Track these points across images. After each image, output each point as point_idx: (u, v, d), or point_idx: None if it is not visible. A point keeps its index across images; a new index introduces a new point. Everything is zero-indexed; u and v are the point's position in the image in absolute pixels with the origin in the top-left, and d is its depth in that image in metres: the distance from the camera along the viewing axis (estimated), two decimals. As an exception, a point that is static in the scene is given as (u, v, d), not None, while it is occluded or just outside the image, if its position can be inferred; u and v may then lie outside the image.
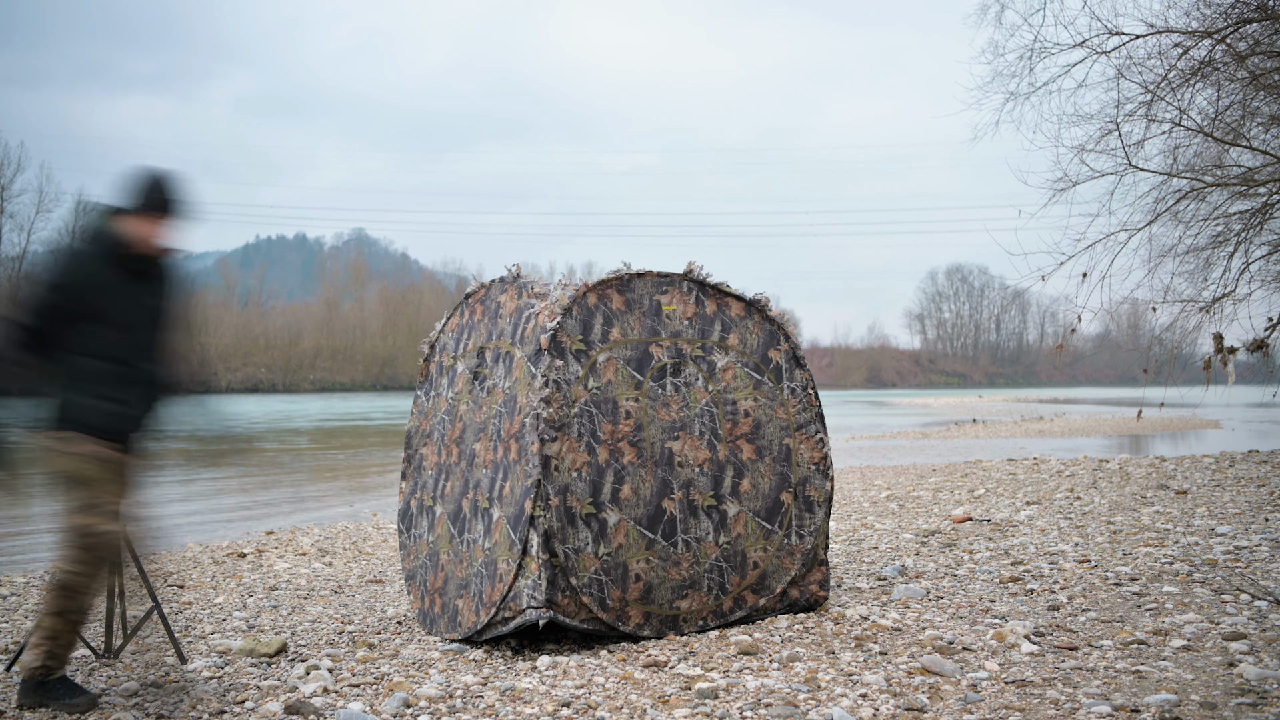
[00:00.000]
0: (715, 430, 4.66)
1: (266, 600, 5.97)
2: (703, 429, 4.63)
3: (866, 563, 6.34)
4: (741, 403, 4.74)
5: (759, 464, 4.73)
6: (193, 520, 10.70)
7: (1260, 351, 11.20)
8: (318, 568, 7.20)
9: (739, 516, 4.67)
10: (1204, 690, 3.49)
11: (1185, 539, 6.60)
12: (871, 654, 4.09)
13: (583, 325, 4.44)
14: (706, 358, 4.72)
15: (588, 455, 4.31)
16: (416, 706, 3.57)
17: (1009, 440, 22.39)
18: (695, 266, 4.77)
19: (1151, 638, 4.19)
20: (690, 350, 4.68)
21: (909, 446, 20.90)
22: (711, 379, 4.71)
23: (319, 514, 11.14)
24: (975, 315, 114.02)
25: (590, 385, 4.38)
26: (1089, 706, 3.33)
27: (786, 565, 4.79)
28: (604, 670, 3.98)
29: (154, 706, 3.67)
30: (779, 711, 3.38)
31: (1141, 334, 15.09)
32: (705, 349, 4.70)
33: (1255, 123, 11.72)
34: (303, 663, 4.20)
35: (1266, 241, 12.22)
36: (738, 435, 4.70)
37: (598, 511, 4.30)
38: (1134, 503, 8.64)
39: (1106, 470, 11.88)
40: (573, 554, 4.25)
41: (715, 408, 4.68)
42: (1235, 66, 10.82)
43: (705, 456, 4.61)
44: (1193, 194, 11.77)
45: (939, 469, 13.73)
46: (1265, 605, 4.61)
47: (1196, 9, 11.21)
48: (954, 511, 8.58)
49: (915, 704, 3.41)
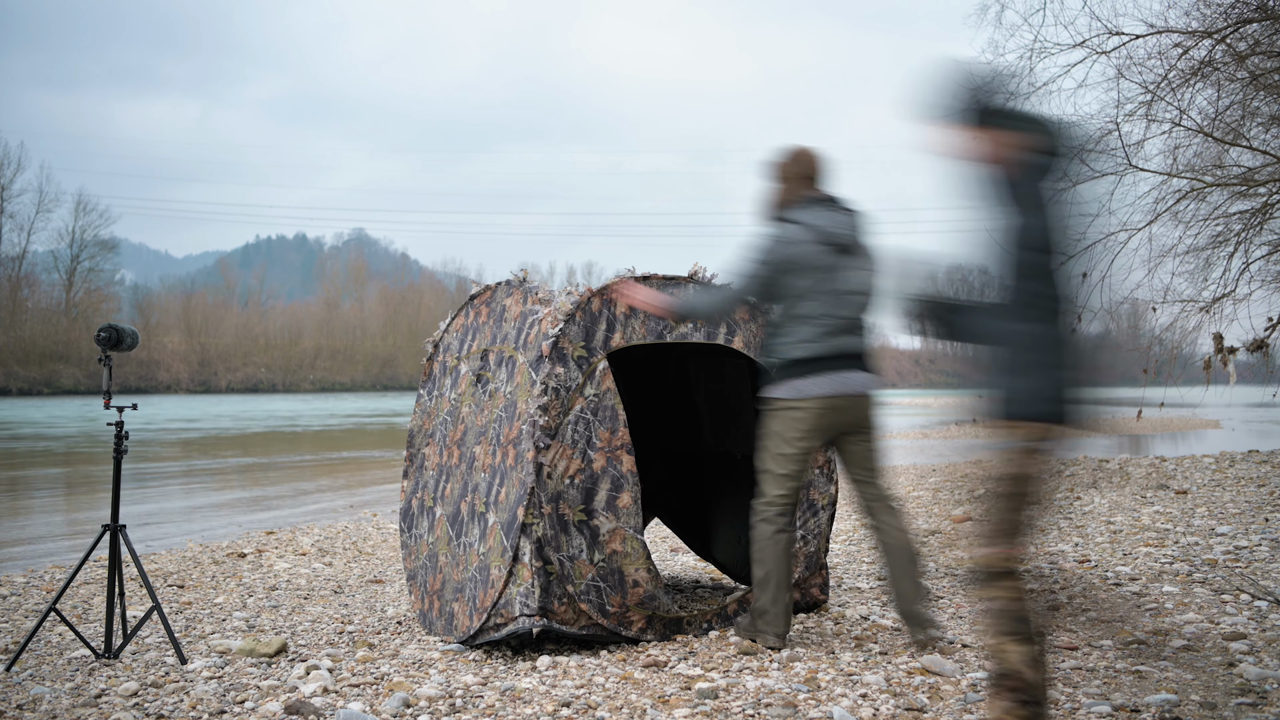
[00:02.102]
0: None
1: (266, 600, 5.97)
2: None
3: (866, 563, 6.34)
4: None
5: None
6: (193, 520, 10.70)
7: (1260, 351, 11.20)
8: (318, 568, 7.20)
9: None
10: (1204, 690, 3.49)
11: (1185, 539, 6.60)
12: (871, 654, 4.09)
13: (585, 331, 4.41)
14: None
15: (581, 462, 4.29)
16: (416, 706, 3.57)
17: (1009, 440, 22.33)
18: (700, 268, 4.74)
19: (1151, 638, 4.20)
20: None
21: (909, 446, 20.90)
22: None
23: (319, 514, 11.14)
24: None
25: (588, 392, 4.34)
26: (1089, 706, 3.33)
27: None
28: (604, 670, 3.99)
29: (154, 707, 3.67)
30: (779, 711, 3.38)
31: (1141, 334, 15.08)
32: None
33: (1255, 123, 11.72)
34: (303, 663, 4.20)
35: (1266, 241, 12.22)
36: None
37: (589, 519, 4.28)
38: (1134, 503, 8.64)
39: (1106, 470, 11.88)
40: (567, 561, 4.23)
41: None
42: (1235, 66, 10.82)
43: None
44: (1193, 194, 11.77)
45: (939, 469, 13.73)
46: (1265, 605, 4.61)
47: (1196, 9, 11.22)
48: (954, 511, 8.58)
49: (915, 704, 3.41)
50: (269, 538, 8.94)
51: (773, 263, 4.12)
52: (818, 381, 4.08)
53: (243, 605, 5.82)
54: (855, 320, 4.13)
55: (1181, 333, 12.38)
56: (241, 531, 9.67)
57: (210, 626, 5.20)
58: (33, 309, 55.17)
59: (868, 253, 4.21)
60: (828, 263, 4.09)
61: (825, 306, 4.08)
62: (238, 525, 10.27)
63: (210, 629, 5.14)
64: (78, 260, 57.25)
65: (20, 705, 3.75)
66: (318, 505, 12.09)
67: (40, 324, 52.95)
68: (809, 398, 4.09)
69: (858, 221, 4.22)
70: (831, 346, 4.08)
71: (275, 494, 13.49)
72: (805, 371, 4.08)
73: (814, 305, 4.08)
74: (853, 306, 4.12)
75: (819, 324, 4.09)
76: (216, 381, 69.15)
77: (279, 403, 52.50)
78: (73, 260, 57.15)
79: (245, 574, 6.97)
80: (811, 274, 4.08)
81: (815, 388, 4.08)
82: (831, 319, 4.09)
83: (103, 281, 59.53)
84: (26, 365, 50.75)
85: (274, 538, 8.92)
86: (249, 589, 6.37)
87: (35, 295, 56.78)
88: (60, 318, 54.21)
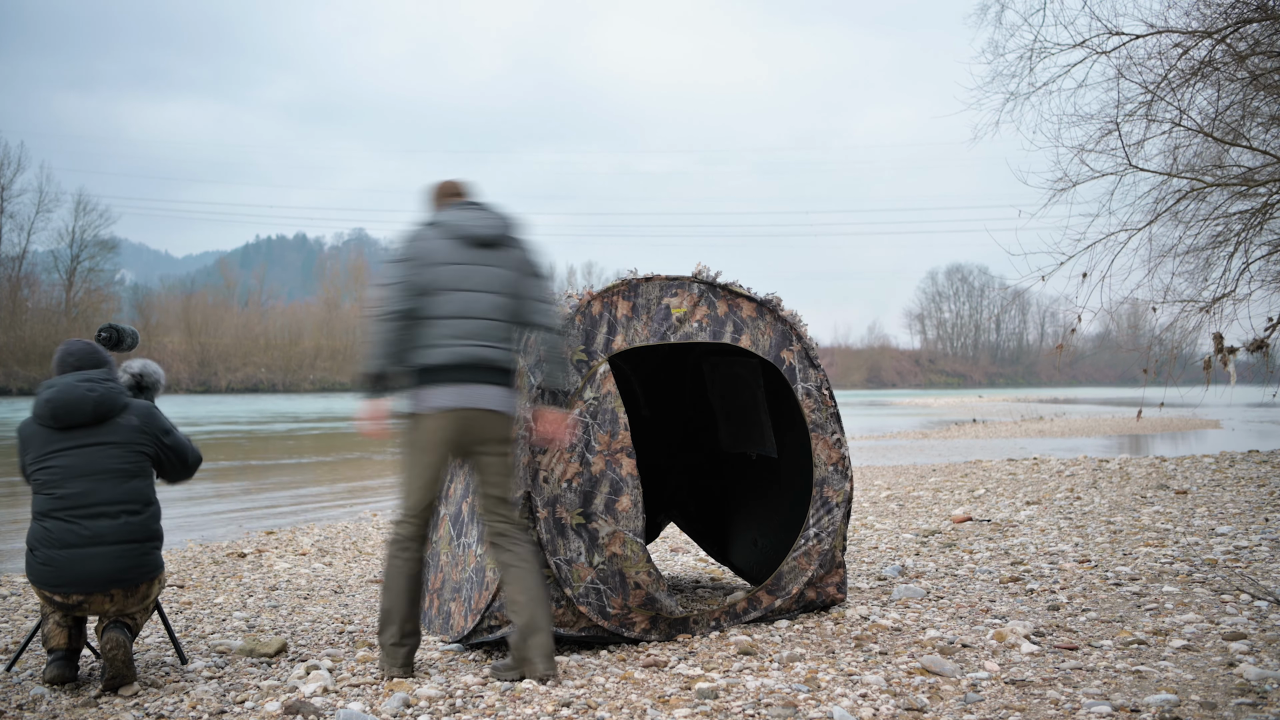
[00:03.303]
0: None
1: (266, 600, 5.97)
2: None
3: (866, 563, 6.34)
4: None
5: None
6: (193, 520, 10.70)
7: (1260, 351, 11.20)
8: (318, 567, 7.20)
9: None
10: (1204, 690, 3.49)
11: (1185, 539, 6.60)
12: (871, 654, 4.09)
13: (585, 335, 4.38)
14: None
15: (579, 466, 4.27)
16: (416, 706, 3.57)
17: (1009, 440, 22.39)
18: (703, 268, 4.71)
19: (1151, 638, 4.20)
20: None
21: (909, 446, 20.90)
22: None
23: (319, 514, 11.14)
24: (975, 315, 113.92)
25: (588, 396, 4.33)
26: (1089, 706, 3.33)
27: (803, 566, 4.76)
28: (604, 670, 3.99)
29: (154, 706, 3.67)
30: (779, 711, 3.38)
31: (1141, 334, 15.08)
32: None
33: (1255, 123, 11.72)
34: (303, 663, 4.20)
35: (1266, 241, 12.22)
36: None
37: (587, 522, 4.26)
38: (1134, 503, 8.64)
39: (1106, 470, 11.88)
40: (565, 565, 4.22)
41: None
42: (1235, 66, 10.82)
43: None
44: (1193, 194, 11.77)
45: (939, 469, 13.73)
46: (1265, 605, 4.61)
47: (1196, 9, 11.21)
48: (954, 511, 8.58)
49: (915, 704, 3.41)
50: (269, 538, 8.93)
51: (407, 261, 3.93)
52: (443, 393, 3.87)
53: (243, 605, 5.82)
54: (489, 325, 3.92)
55: (1181, 333, 12.38)
56: (241, 531, 9.67)
57: (210, 626, 5.20)
58: (33, 309, 55.12)
59: (511, 251, 4.00)
60: (459, 256, 3.92)
61: (456, 306, 3.89)
62: (238, 525, 10.27)
63: (210, 629, 5.14)
64: (78, 260, 57.24)
65: (20, 705, 3.75)
66: (318, 505, 12.09)
67: (40, 324, 52.89)
68: (433, 410, 3.89)
69: (502, 221, 4.04)
70: (460, 354, 3.88)
71: (275, 494, 13.49)
72: (431, 381, 3.88)
73: (444, 304, 3.89)
74: (486, 306, 3.91)
75: (448, 326, 3.88)
76: (216, 381, 69.10)
77: (279, 403, 52.48)
78: (73, 260, 57.14)
79: (245, 574, 6.97)
80: (442, 269, 3.90)
81: (439, 399, 3.88)
82: (462, 321, 3.89)
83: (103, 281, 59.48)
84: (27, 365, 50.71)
85: (274, 538, 8.92)
86: (249, 589, 6.37)
87: (35, 295, 56.73)
88: (60, 318, 54.15)
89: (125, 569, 3.87)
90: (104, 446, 3.93)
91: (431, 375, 3.89)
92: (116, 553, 3.86)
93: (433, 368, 3.89)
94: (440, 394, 3.88)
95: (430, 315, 3.90)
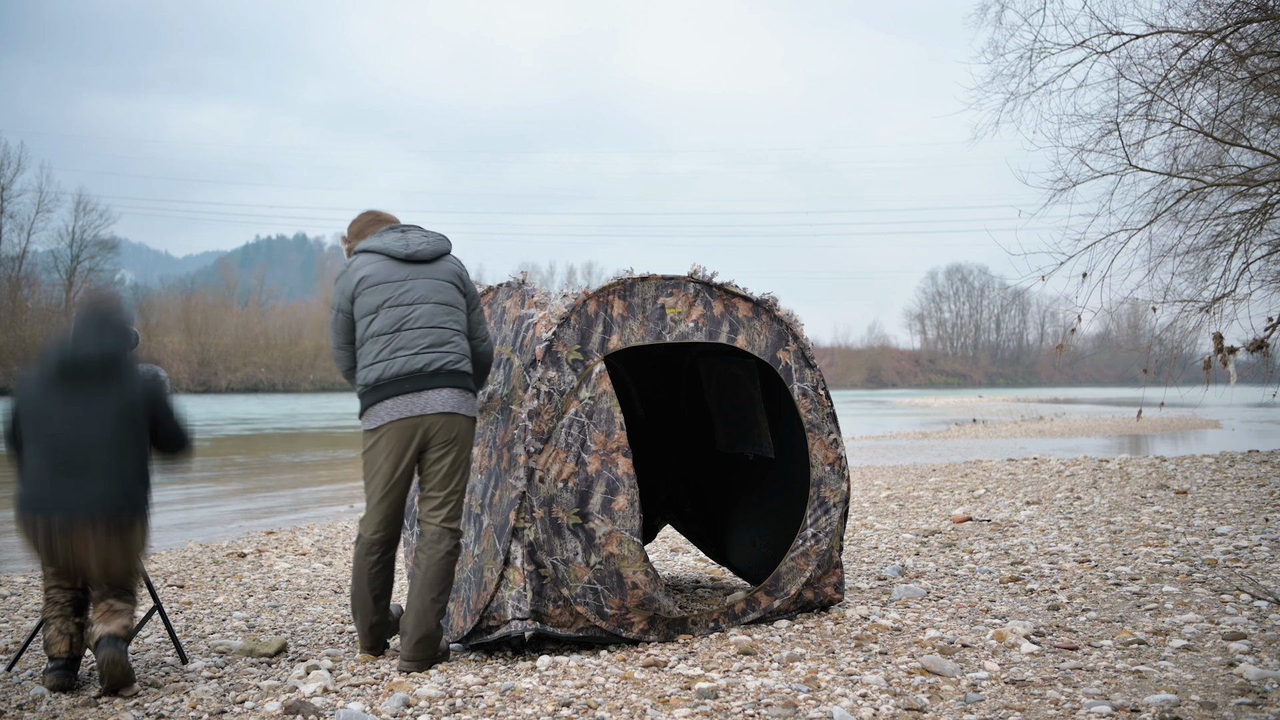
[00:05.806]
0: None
1: (266, 600, 5.97)
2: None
3: (866, 563, 6.34)
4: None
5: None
6: (193, 520, 10.70)
7: (1260, 351, 11.21)
8: (318, 567, 7.20)
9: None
10: (1204, 690, 3.49)
11: (1185, 539, 6.60)
12: (871, 654, 4.09)
13: (580, 334, 4.37)
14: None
15: (575, 465, 4.27)
16: (416, 706, 3.57)
17: (1009, 440, 22.39)
18: (699, 267, 4.70)
19: (1151, 638, 4.20)
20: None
21: (909, 446, 20.90)
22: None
23: (319, 514, 11.14)
24: (975, 315, 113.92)
25: (583, 395, 4.32)
26: (1089, 706, 3.33)
27: (801, 566, 4.76)
28: (604, 670, 3.99)
29: (154, 706, 3.67)
30: (779, 711, 3.38)
31: (1141, 334, 15.10)
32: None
33: (1255, 123, 11.72)
34: (303, 663, 4.20)
35: (1266, 241, 12.22)
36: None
37: (584, 522, 4.26)
38: (1134, 503, 8.64)
39: (1106, 470, 11.88)
40: (561, 565, 4.21)
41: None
42: (1235, 66, 10.82)
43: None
44: (1193, 194, 11.77)
45: (939, 469, 13.73)
46: (1265, 605, 4.61)
47: (1196, 9, 11.22)
48: (954, 511, 8.58)
49: (915, 704, 3.41)
50: (269, 538, 8.93)
51: (345, 289, 4.21)
52: (392, 405, 4.10)
53: (243, 605, 5.82)
54: (428, 332, 4.14)
55: (1181, 333, 12.39)
56: (241, 531, 9.67)
57: (210, 626, 5.20)
58: (33, 309, 55.07)
59: (442, 264, 4.26)
60: (391, 274, 4.16)
61: (393, 320, 4.12)
62: (238, 525, 10.28)
63: (210, 629, 5.14)
64: (78, 260, 57.20)
65: (20, 705, 3.75)
66: (318, 505, 12.09)
67: (40, 324, 52.84)
68: (384, 424, 4.12)
69: (430, 238, 4.30)
70: (402, 366, 4.09)
71: (275, 494, 13.49)
72: (379, 397, 4.12)
73: (382, 320, 4.13)
74: (423, 317, 4.14)
75: (387, 340, 4.12)
76: (216, 381, 69.12)
77: (279, 402, 52.46)
78: (73, 260, 57.10)
79: (245, 574, 6.97)
80: (378, 289, 4.15)
81: (388, 413, 4.11)
82: (401, 334, 4.12)
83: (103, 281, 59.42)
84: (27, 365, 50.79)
85: (274, 538, 8.92)
86: (249, 589, 6.37)
87: (35, 295, 56.69)
88: (60, 318, 54.10)
89: (113, 495, 3.86)
90: (105, 398, 3.98)
91: (380, 390, 4.12)
92: (106, 482, 3.87)
93: (381, 383, 4.12)
94: (389, 407, 4.12)
95: (373, 334, 4.15)
